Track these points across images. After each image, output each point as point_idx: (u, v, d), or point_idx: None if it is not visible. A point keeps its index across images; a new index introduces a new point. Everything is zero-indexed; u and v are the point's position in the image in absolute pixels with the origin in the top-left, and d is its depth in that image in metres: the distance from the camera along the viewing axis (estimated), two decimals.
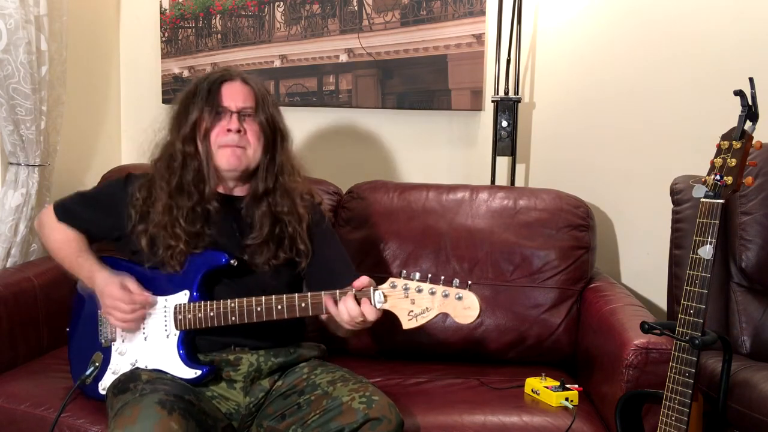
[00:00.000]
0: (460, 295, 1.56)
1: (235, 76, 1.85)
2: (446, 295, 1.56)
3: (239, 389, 1.78)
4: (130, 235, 1.83)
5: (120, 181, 1.93)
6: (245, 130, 1.81)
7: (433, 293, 1.57)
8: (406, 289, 1.59)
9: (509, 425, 1.85)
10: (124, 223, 1.84)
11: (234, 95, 1.82)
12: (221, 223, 1.84)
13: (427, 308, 1.58)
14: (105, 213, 1.89)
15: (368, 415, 1.61)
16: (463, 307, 1.56)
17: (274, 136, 1.86)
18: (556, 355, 2.27)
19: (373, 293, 1.61)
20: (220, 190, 1.87)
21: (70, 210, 1.94)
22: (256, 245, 1.82)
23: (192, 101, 1.82)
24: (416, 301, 1.58)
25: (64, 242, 1.91)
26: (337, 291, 1.65)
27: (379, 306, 1.61)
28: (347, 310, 1.62)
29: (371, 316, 1.61)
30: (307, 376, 1.79)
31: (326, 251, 1.90)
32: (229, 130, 1.79)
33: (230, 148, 1.80)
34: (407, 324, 1.60)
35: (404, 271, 1.62)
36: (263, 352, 1.81)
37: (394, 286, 1.60)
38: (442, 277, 1.59)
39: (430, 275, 1.60)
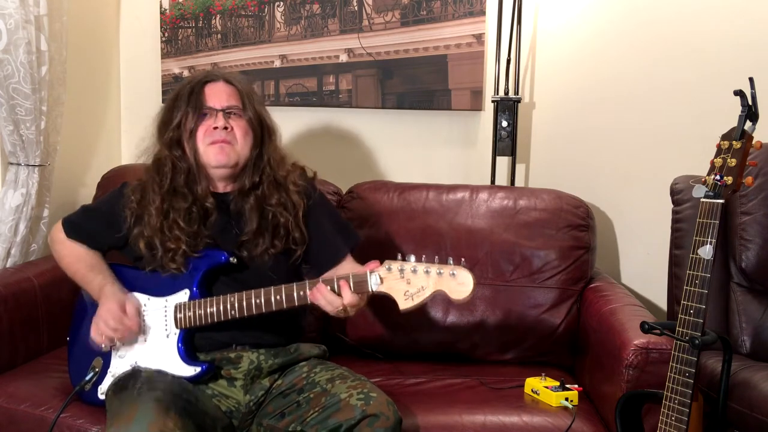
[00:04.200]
0: (454, 272, 1.58)
1: (218, 77, 1.87)
2: (440, 273, 1.59)
3: (239, 387, 1.79)
4: (128, 238, 1.86)
5: (116, 190, 1.97)
6: (231, 127, 1.83)
7: (427, 272, 1.59)
8: (402, 270, 1.61)
9: (509, 425, 1.85)
10: (122, 229, 1.87)
11: (218, 95, 1.84)
12: (217, 221, 1.86)
13: (422, 287, 1.59)
14: (107, 222, 1.92)
15: (366, 412, 1.61)
16: (458, 283, 1.58)
17: (261, 132, 1.87)
18: (555, 355, 2.27)
19: (370, 276, 1.63)
20: (213, 190, 1.88)
21: (77, 225, 1.97)
22: (251, 238, 1.83)
23: (175, 105, 1.85)
24: (411, 281, 1.60)
25: (74, 260, 1.94)
26: (334, 277, 1.68)
27: (375, 289, 1.63)
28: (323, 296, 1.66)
29: (348, 298, 1.65)
30: (307, 375, 1.79)
31: (322, 226, 1.92)
32: (215, 128, 1.81)
33: (218, 145, 1.81)
34: (404, 304, 1.61)
35: (399, 255, 1.64)
36: (263, 350, 1.81)
37: (389, 269, 1.62)
38: (436, 257, 1.61)
39: (424, 256, 1.62)
